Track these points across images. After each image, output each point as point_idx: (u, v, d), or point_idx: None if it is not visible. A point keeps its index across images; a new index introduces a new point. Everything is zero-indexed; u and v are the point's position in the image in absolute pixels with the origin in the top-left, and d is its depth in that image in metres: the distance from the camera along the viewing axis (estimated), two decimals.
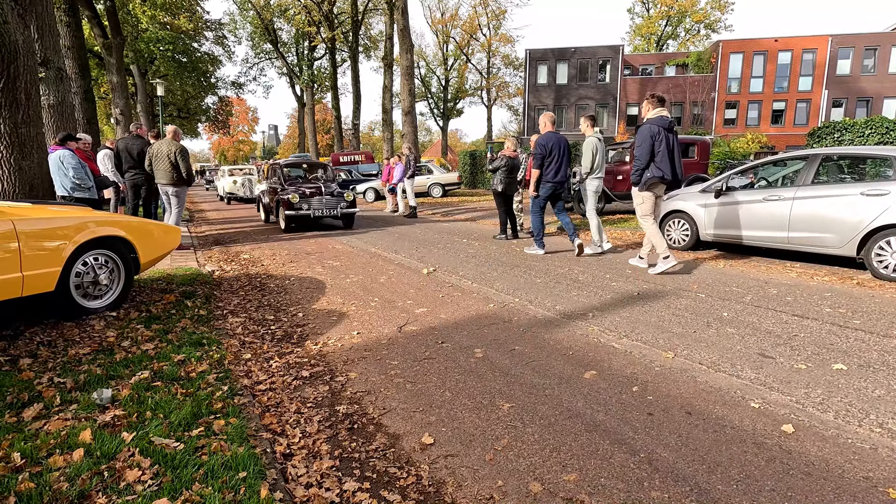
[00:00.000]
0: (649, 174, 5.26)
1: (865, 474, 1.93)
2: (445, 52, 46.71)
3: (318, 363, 3.18)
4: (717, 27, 42.28)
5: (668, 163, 5.15)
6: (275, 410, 2.52)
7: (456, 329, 3.79)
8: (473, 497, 1.85)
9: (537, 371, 2.97)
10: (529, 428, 2.33)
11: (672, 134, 5.23)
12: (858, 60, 32.19)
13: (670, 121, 5.29)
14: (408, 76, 19.03)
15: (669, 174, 5.18)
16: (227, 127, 39.54)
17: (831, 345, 3.30)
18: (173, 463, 1.90)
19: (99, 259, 3.91)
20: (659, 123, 5.21)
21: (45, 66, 6.78)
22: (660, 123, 5.21)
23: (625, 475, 1.95)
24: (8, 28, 4.75)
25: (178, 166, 7.16)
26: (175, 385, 2.63)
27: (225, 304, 4.52)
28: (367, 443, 2.24)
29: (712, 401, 2.55)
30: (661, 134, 5.16)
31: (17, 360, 2.91)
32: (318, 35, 32.03)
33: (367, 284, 5.29)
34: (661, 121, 5.23)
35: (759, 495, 1.81)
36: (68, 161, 6.22)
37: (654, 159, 5.20)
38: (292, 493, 1.84)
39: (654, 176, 5.23)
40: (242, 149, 70.38)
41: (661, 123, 5.21)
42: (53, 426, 2.16)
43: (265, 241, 8.70)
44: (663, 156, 5.14)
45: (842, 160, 6.34)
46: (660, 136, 5.16)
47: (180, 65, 28.13)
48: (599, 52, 34.59)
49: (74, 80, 11.09)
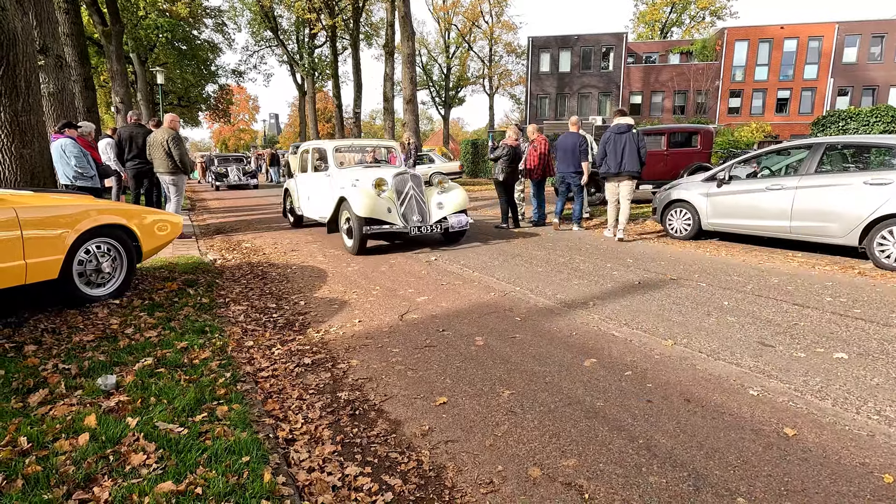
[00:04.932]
0: (604, 168, 6.96)
1: (862, 460, 1.95)
2: (447, 39, 46.24)
3: (319, 350, 3.20)
4: (722, 14, 41.70)
5: (614, 159, 6.82)
6: (277, 397, 2.55)
7: (457, 317, 3.80)
8: (474, 481, 1.88)
9: (537, 359, 2.99)
10: (529, 414, 2.35)
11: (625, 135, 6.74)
12: (865, 48, 31.76)
13: (626, 126, 6.77)
14: (409, 64, 18.87)
15: (615, 169, 6.82)
16: (227, 115, 39.34)
17: (831, 334, 3.31)
18: (177, 447, 1.93)
19: (101, 247, 3.92)
20: (613, 130, 6.85)
21: (44, 54, 6.74)
22: (613, 130, 6.85)
23: (623, 461, 1.98)
24: (6, 15, 4.72)
25: (171, 154, 7.14)
26: (178, 371, 2.65)
27: (227, 292, 4.54)
28: (369, 428, 2.26)
29: (711, 388, 2.57)
30: (612, 138, 6.82)
31: (22, 346, 2.94)
32: (318, 22, 31.71)
33: (369, 273, 5.30)
34: (615, 128, 6.84)
35: (756, 481, 1.83)
36: (70, 149, 6.21)
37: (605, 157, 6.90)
38: (295, 476, 1.87)
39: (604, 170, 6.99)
40: (243, 137, 70.14)
41: (614, 130, 6.84)
42: (59, 411, 2.19)
43: (266, 230, 8.71)
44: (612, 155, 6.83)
45: (846, 149, 6.30)
46: (610, 140, 6.84)
47: (180, 52, 27.93)
48: (603, 40, 34.21)
49: (74, 68, 11.03)
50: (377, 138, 13.79)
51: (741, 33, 32.97)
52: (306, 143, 8.30)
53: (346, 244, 6.42)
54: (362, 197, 5.95)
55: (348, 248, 6.35)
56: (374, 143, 8.94)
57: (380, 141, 8.80)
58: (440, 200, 6.61)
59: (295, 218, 8.79)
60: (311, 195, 7.79)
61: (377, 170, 6.90)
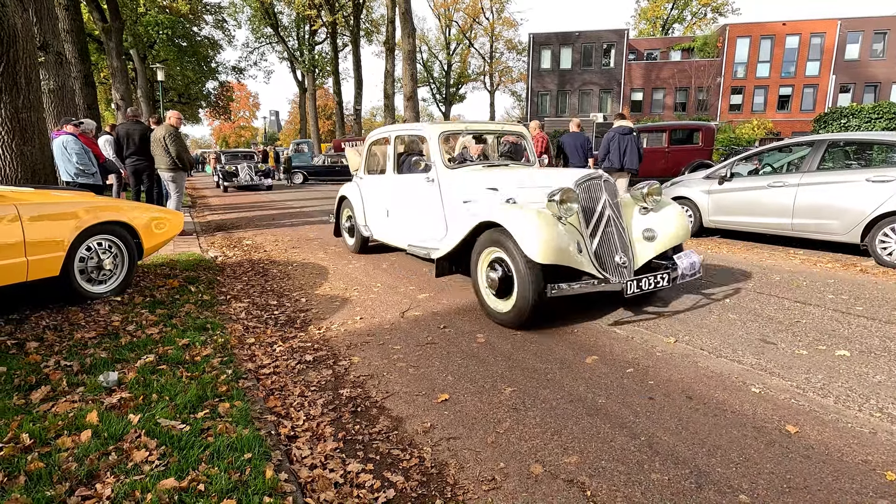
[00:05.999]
0: (607, 163, 7.60)
1: (864, 458, 1.94)
2: (448, 36, 46.12)
3: (321, 347, 3.20)
4: (724, 10, 41.54)
5: (617, 157, 7.56)
6: (279, 394, 2.55)
7: (458, 314, 3.80)
8: (476, 478, 1.88)
9: (539, 356, 2.99)
10: (531, 411, 2.35)
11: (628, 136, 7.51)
12: (867, 45, 31.63)
13: (629, 128, 7.57)
14: (410, 61, 18.83)
15: (618, 164, 7.54)
16: (228, 112, 39.31)
17: (833, 331, 3.30)
18: (180, 444, 1.93)
19: (103, 244, 3.92)
20: (617, 131, 7.62)
21: (44, 51, 6.73)
22: (618, 131, 7.62)
23: (625, 458, 1.98)
24: (6, 11, 4.71)
25: (169, 150, 7.14)
26: (180, 368, 2.66)
27: (228, 289, 4.55)
28: (371, 425, 2.27)
29: (713, 385, 2.56)
30: (616, 137, 7.57)
31: (24, 343, 2.94)
32: (318, 19, 31.62)
33: (370, 270, 5.30)
34: (619, 129, 7.61)
35: (758, 478, 1.83)
36: (72, 146, 6.21)
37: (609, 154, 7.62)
38: (297, 473, 1.87)
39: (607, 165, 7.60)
40: (244, 134, 70.05)
41: (618, 130, 7.61)
42: (61, 408, 2.19)
43: (267, 227, 8.71)
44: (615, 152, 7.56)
45: (848, 146, 6.28)
46: (614, 139, 7.57)
47: (180, 49, 27.86)
48: (604, 37, 34.10)
49: (74, 65, 11.01)
50: (500, 121, 7.27)
51: (743, 30, 32.86)
52: (380, 130, 5.65)
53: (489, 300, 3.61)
54: (539, 226, 3.16)
55: (501, 315, 3.47)
56: (499, 126, 5.44)
57: (503, 124, 5.47)
58: (648, 227, 3.80)
59: (359, 240, 5.96)
60: (396, 209, 5.17)
61: (528, 173, 4.26)
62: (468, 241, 3.72)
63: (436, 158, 4.56)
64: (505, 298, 3.46)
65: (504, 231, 3.33)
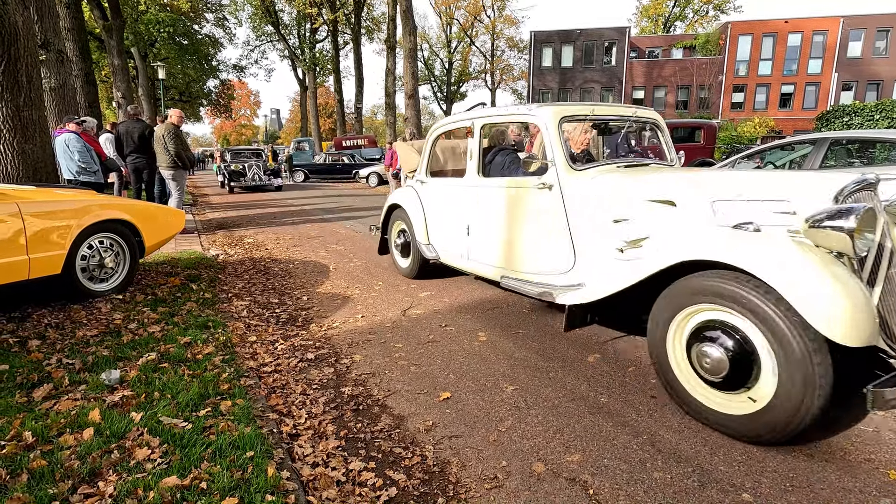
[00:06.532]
0: None
1: (867, 456, 1.94)
2: (449, 34, 46.05)
3: (322, 346, 3.20)
4: (725, 8, 41.42)
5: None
6: (281, 392, 2.55)
7: (460, 312, 3.80)
8: (478, 477, 1.88)
9: (541, 354, 2.98)
10: (533, 410, 2.35)
11: None
12: (870, 42, 31.53)
13: None
14: (411, 59, 18.81)
15: None
16: (229, 111, 39.28)
17: None
18: (182, 442, 1.93)
19: (104, 242, 3.92)
20: None
21: (45, 49, 6.73)
22: None
23: (627, 456, 1.97)
24: (7, 9, 4.70)
25: (168, 149, 7.14)
26: (182, 367, 2.66)
27: (230, 287, 4.55)
28: (373, 423, 2.27)
29: None
30: None
31: (26, 341, 2.94)
32: (319, 17, 31.62)
33: (371, 268, 5.30)
34: None
35: (761, 477, 1.83)
36: (74, 144, 6.21)
37: None
38: (299, 471, 1.87)
39: None
40: (245, 133, 70.04)
41: None
42: (63, 406, 2.19)
43: (268, 225, 8.71)
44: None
45: (850, 144, 6.25)
46: None
47: (181, 47, 27.86)
48: (605, 34, 34.03)
49: (75, 63, 11.01)
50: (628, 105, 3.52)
51: (745, 27, 32.75)
52: (453, 118, 4.35)
53: None
54: (838, 278, 1.79)
55: None
56: (630, 111, 3.68)
57: (635, 108, 3.73)
58: None
59: (416, 261, 4.67)
60: (483, 226, 3.78)
61: (720, 178, 2.68)
62: (656, 285, 2.32)
63: (556, 156, 3.13)
64: (739, 394, 2.05)
65: (741, 279, 1.98)
